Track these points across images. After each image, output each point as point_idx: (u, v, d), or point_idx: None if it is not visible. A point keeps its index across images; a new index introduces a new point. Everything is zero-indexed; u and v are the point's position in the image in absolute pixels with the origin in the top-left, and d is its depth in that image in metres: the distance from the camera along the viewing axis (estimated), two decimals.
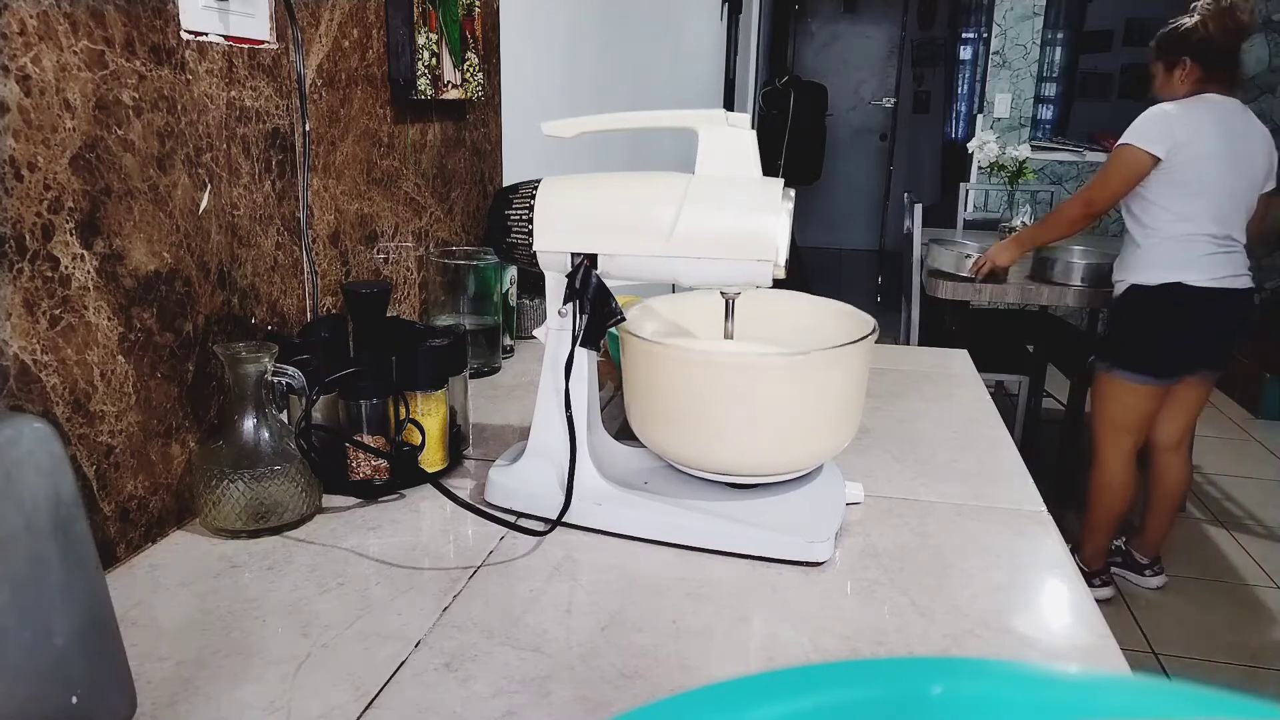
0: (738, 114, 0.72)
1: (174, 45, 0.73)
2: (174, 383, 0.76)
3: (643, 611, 0.66)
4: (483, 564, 0.73)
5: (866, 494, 0.84)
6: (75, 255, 0.65)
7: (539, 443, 0.80)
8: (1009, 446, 1.00)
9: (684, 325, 0.91)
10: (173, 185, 0.74)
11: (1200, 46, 2.12)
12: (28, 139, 0.61)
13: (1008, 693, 0.30)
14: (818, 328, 0.86)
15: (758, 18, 4.95)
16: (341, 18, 0.96)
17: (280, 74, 0.86)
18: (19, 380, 0.62)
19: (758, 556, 0.73)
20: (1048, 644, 0.64)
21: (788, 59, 7.13)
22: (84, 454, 0.67)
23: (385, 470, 0.83)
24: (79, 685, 0.49)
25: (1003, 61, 5.00)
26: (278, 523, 0.76)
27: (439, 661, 0.60)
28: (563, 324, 0.76)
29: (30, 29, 0.60)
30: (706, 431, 0.76)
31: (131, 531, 0.72)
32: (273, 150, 0.86)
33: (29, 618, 0.46)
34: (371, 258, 1.07)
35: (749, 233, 0.70)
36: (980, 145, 3.37)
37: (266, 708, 0.55)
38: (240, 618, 0.64)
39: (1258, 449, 3.57)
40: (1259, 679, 2.13)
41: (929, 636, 0.64)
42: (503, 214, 0.76)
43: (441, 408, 0.86)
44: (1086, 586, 0.71)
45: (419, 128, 1.15)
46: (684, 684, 0.58)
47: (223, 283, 0.81)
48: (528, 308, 1.36)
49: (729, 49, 3.93)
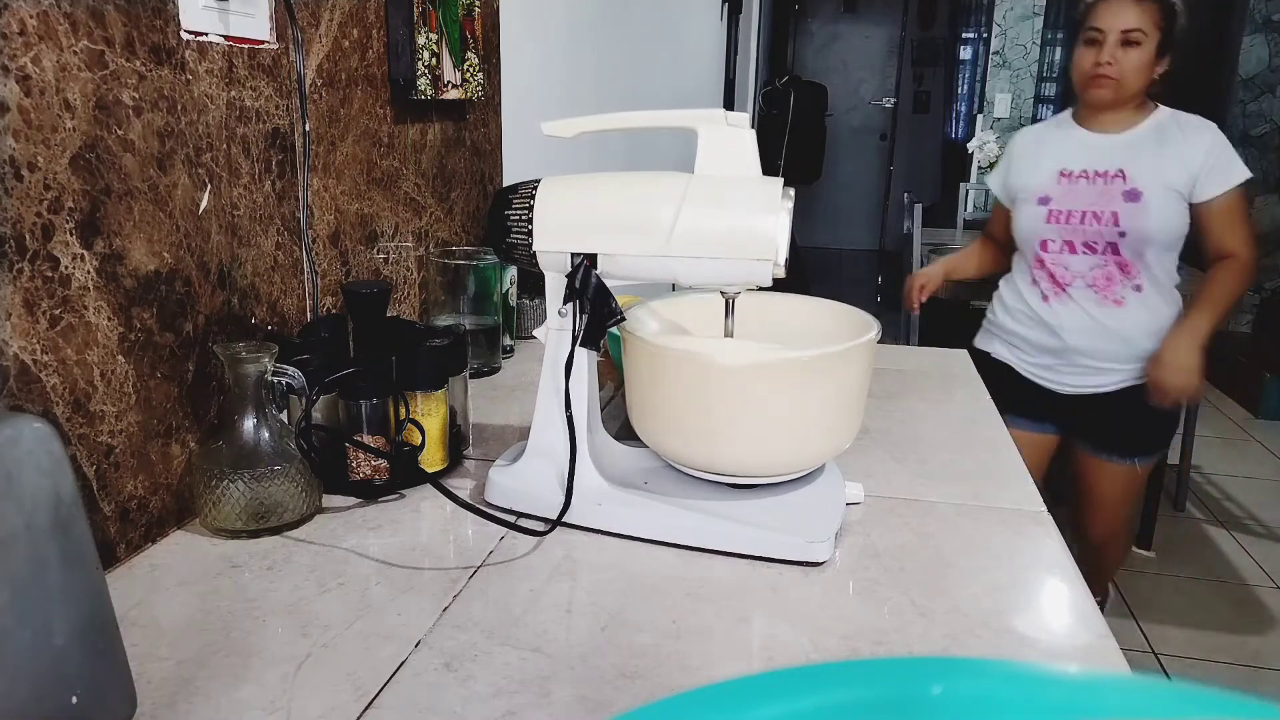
0: (738, 114, 0.72)
1: (174, 45, 0.73)
2: (174, 383, 0.76)
3: (643, 611, 0.66)
4: (483, 564, 0.73)
5: (866, 494, 0.84)
6: (75, 255, 0.65)
7: (539, 443, 0.80)
8: (1009, 447, 1.00)
9: (684, 325, 0.91)
10: (173, 185, 0.74)
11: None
12: (28, 139, 0.61)
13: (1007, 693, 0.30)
14: (819, 328, 0.86)
15: (758, 18, 4.94)
16: (341, 18, 0.96)
17: (280, 74, 0.86)
18: (19, 380, 0.62)
19: (758, 556, 0.73)
20: (1048, 644, 0.64)
21: (788, 59, 7.13)
22: (84, 454, 0.67)
23: (385, 470, 0.83)
24: (79, 685, 0.49)
25: (1003, 61, 5.00)
26: (278, 523, 0.76)
27: (439, 661, 0.60)
28: (563, 324, 0.76)
29: (30, 29, 0.60)
30: (706, 431, 0.76)
31: (131, 531, 0.72)
32: (273, 150, 0.86)
33: (29, 618, 0.46)
34: (371, 258, 1.07)
35: (749, 232, 0.70)
36: (980, 145, 3.38)
37: (266, 708, 0.55)
38: (240, 618, 0.64)
39: (1258, 449, 3.57)
40: (1259, 679, 2.13)
41: (929, 636, 0.64)
42: (503, 214, 0.76)
43: (441, 408, 0.86)
44: (1086, 587, 0.71)
45: (419, 128, 1.15)
46: (684, 684, 0.58)
47: (223, 283, 0.81)
48: (528, 308, 1.36)
49: (729, 49, 3.93)
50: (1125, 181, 1.72)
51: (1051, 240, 1.78)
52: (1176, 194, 1.71)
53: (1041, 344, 1.84)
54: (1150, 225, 1.70)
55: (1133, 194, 1.71)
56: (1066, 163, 1.78)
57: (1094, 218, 1.73)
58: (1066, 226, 1.76)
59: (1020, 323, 1.87)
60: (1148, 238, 1.71)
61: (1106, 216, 1.72)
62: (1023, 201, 1.82)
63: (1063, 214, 1.76)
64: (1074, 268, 1.77)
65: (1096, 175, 1.74)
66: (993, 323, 1.96)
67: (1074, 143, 1.80)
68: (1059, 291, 1.80)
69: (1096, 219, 1.73)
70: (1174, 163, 1.70)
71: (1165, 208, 1.70)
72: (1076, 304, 1.78)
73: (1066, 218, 1.76)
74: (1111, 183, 1.73)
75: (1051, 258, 1.79)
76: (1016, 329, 1.88)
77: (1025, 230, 1.82)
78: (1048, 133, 1.88)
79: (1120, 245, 1.73)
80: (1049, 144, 1.84)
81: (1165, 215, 1.71)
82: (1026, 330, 1.86)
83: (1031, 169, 1.83)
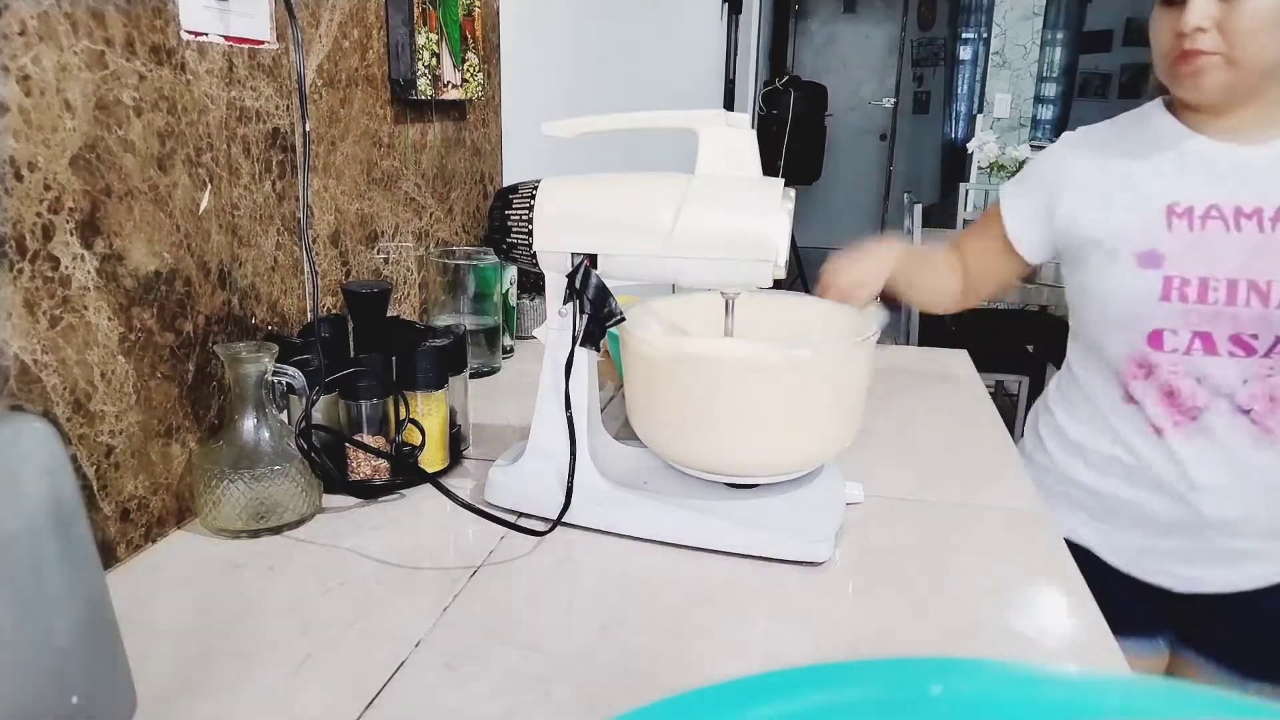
0: (737, 114, 0.72)
1: (174, 45, 0.73)
2: (174, 383, 0.76)
3: (643, 611, 0.66)
4: (483, 564, 0.73)
5: (866, 494, 0.84)
6: (75, 255, 0.65)
7: (539, 443, 0.80)
8: (1009, 447, 1.00)
9: (684, 325, 0.91)
10: (173, 185, 0.74)
11: None
12: (28, 139, 0.61)
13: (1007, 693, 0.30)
14: (819, 327, 0.86)
15: (758, 18, 4.94)
16: (341, 18, 0.96)
17: (280, 74, 0.86)
18: (19, 380, 0.62)
19: (758, 556, 0.73)
20: (1048, 644, 0.64)
21: (788, 59, 7.13)
22: (84, 454, 0.67)
23: (385, 470, 0.83)
24: (79, 685, 0.49)
25: (1003, 61, 5.01)
26: (278, 523, 0.76)
27: (439, 661, 0.60)
28: (563, 324, 0.76)
29: (30, 29, 0.60)
30: (707, 431, 0.76)
31: (131, 531, 0.72)
32: (273, 150, 0.86)
33: (29, 618, 0.46)
34: (371, 258, 1.07)
35: (749, 233, 0.70)
36: (980, 145, 3.38)
37: (266, 708, 0.55)
38: (240, 618, 0.64)
39: None
40: None
41: (929, 637, 0.64)
42: (503, 214, 0.76)
43: (441, 408, 0.86)
44: (1086, 587, 0.71)
45: (419, 128, 1.15)
46: (684, 684, 0.58)
47: (223, 283, 0.81)
48: (528, 308, 1.36)
49: (729, 49, 3.93)
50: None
51: (1172, 331, 1.02)
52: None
53: (1150, 513, 1.08)
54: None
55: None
56: (1178, 192, 1.03)
57: (1253, 291, 0.98)
58: (1199, 308, 1.00)
59: (1107, 476, 1.11)
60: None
61: (1270, 289, 0.98)
62: (1105, 262, 1.05)
63: (1189, 285, 1.00)
64: (1214, 379, 1.02)
65: (1241, 215, 1.00)
66: (1051, 471, 1.17)
67: (1189, 159, 1.03)
68: (1184, 422, 1.04)
69: (1257, 294, 0.98)
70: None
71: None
72: (1216, 443, 1.03)
73: (1198, 292, 1.00)
74: (1274, 229, 0.98)
75: (1172, 362, 1.03)
76: (1100, 487, 1.12)
77: (1117, 314, 1.05)
78: (1126, 134, 1.09)
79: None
80: (1141, 158, 1.06)
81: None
82: (1119, 488, 1.10)
83: (1110, 201, 1.06)
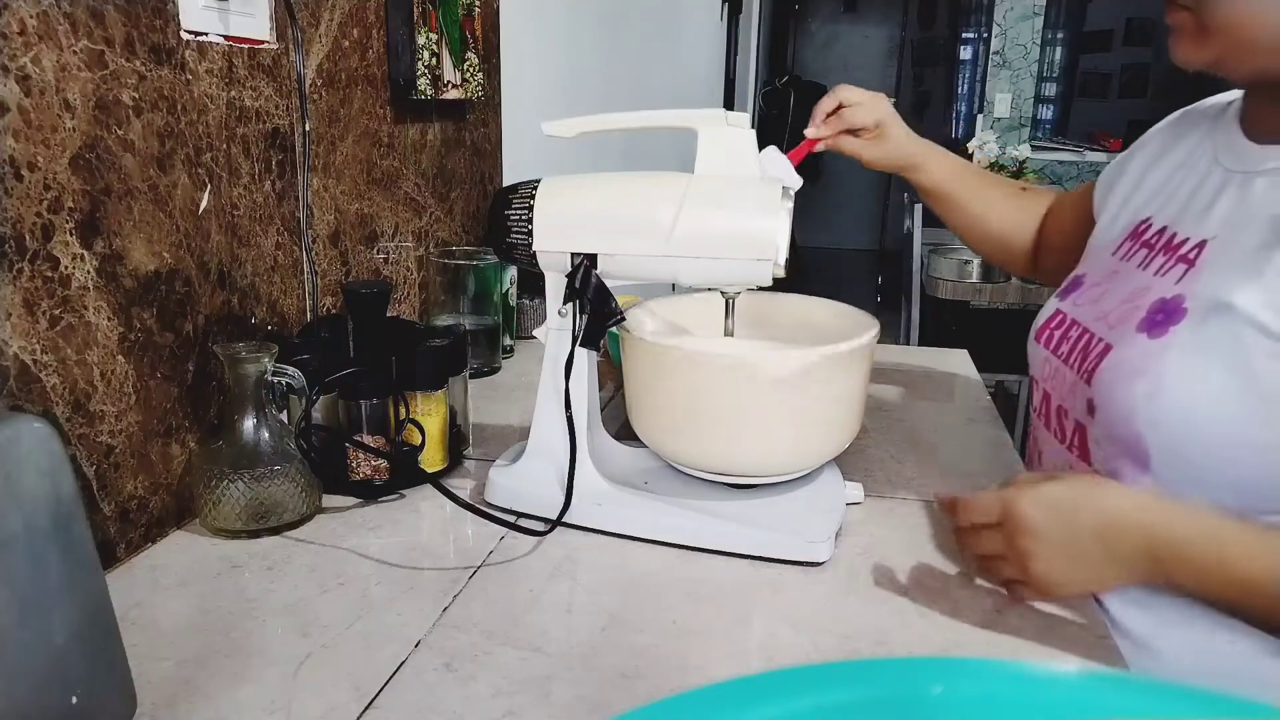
0: (737, 114, 0.72)
1: (174, 45, 0.73)
2: (174, 383, 0.76)
3: (643, 611, 0.66)
4: (483, 564, 0.73)
5: (866, 494, 0.84)
6: (75, 255, 0.65)
7: (539, 443, 0.80)
8: (1009, 447, 1.00)
9: (684, 325, 0.91)
10: (173, 185, 0.74)
11: None
12: (28, 139, 0.61)
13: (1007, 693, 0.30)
14: (819, 328, 0.86)
15: (758, 18, 4.95)
16: (341, 18, 0.96)
17: (280, 74, 0.86)
18: (19, 380, 0.62)
19: (758, 556, 0.73)
20: (1048, 644, 0.64)
21: (788, 59, 7.13)
22: (84, 454, 0.67)
23: (385, 470, 0.83)
24: (79, 685, 0.49)
25: (1003, 61, 5.01)
26: (278, 523, 0.76)
27: (439, 661, 0.60)
28: (563, 324, 0.77)
29: (30, 29, 0.60)
30: (707, 431, 0.76)
31: (131, 531, 0.72)
32: (273, 150, 0.86)
33: (29, 618, 0.46)
34: (371, 258, 1.07)
35: (749, 233, 0.70)
36: (980, 145, 3.38)
37: (266, 708, 0.55)
38: (240, 618, 0.64)
39: None
40: None
41: (929, 636, 0.64)
42: (503, 214, 0.76)
43: (441, 408, 0.86)
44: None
45: (419, 128, 1.15)
46: (684, 684, 0.58)
47: (223, 283, 0.81)
48: (528, 308, 1.36)
49: (729, 49, 3.93)
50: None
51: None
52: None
53: None
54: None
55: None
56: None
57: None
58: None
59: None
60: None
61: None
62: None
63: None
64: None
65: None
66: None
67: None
68: None
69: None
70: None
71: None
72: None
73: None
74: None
75: None
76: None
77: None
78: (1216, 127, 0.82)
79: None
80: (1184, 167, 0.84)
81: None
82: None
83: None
